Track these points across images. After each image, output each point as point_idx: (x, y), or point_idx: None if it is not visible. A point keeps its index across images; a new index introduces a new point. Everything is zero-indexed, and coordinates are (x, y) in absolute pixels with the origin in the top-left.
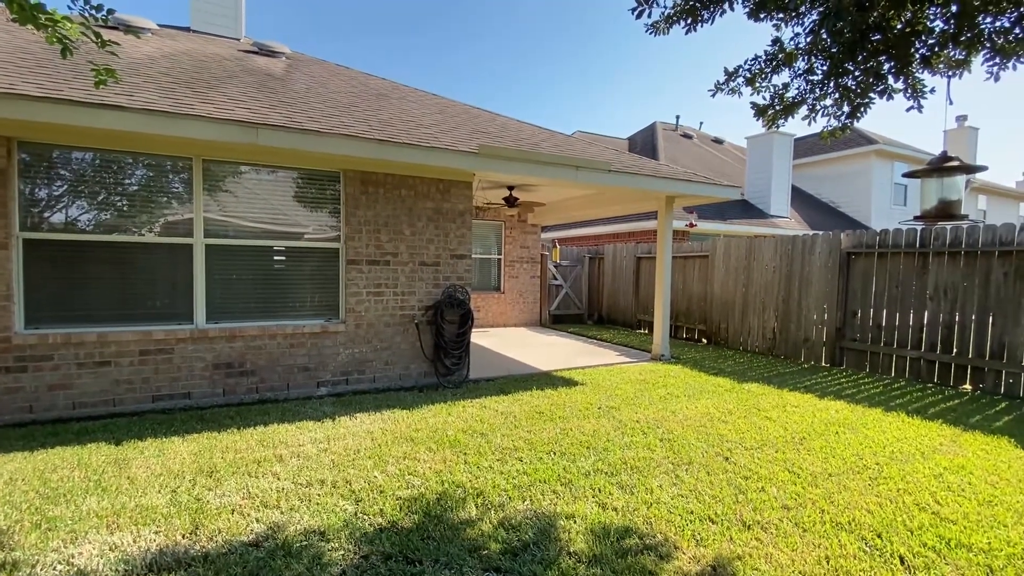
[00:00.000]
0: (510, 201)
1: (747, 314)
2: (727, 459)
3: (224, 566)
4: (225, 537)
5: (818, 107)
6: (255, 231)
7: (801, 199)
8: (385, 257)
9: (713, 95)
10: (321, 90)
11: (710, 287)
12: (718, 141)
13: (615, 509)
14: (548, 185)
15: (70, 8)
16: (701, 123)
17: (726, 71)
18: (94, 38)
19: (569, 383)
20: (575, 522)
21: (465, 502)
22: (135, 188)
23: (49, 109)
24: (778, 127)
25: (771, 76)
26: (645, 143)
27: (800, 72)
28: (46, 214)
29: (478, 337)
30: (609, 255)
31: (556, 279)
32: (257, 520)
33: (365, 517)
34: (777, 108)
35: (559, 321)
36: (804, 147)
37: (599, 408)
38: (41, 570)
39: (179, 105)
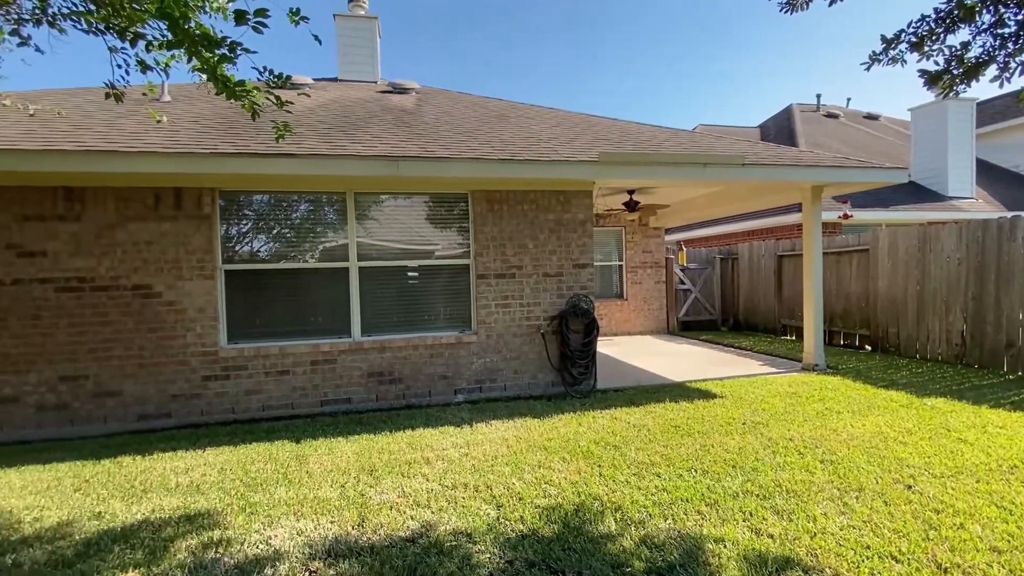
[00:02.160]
0: (631, 206)
1: (924, 315)
2: (910, 487)
3: (387, 558)
4: (386, 531)
5: (1012, 64)
6: (396, 252)
7: (990, 174)
8: (511, 270)
9: (868, 68)
10: (448, 118)
11: (872, 285)
12: (872, 117)
13: (771, 536)
14: (672, 186)
15: (258, 78)
16: (848, 99)
17: (884, 39)
18: (275, 101)
19: (706, 395)
20: (725, 546)
21: (603, 516)
22: (300, 222)
23: (241, 162)
24: (956, 94)
25: (944, 36)
26: (780, 129)
27: (985, 27)
28: (237, 248)
29: (602, 346)
30: (744, 255)
31: (683, 283)
32: (411, 518)
33: (507, 523)
34: (955, 72)
35: (688, 328)
36: (990, 112)
37: (743, 423)
38: (247, 547)
39: (335, 147)
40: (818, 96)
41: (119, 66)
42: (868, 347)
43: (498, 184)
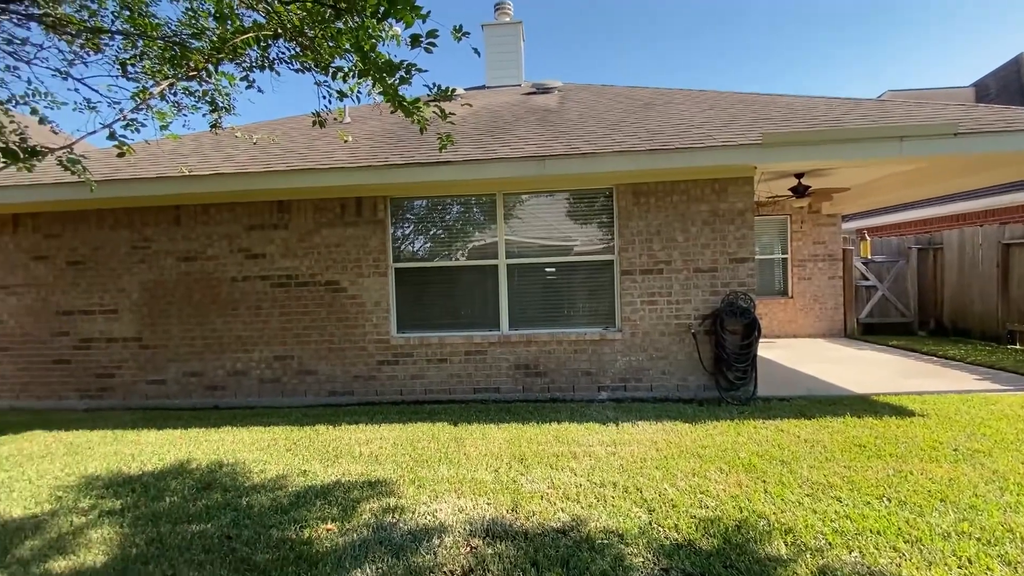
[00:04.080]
0: (799, 191)
1: None
2: None
3: (540, 547)
4: (538, 520)
5: None
6: (541, 249)
7: None
8: (658, 266)
9: None
10: (591, 113)
11: None
12: None
13: None
14: (855, 166)
15: (428, 93)
16: None
17: None
18: (440, 114)
19: (899, 411)
20: None
21: (770, 536)
22: (454, 222)
23: (409, 171)
24: None
25: None
26: (1005, 86)
27: None
28: (402, 248)
29: (762, 349)
30: (952, 244)
31: (866, 279)
32: (562, 510)
33: (660, 529)
34: None
35: (872, 331)
36: None
37: (954, 449)
38: (417, 516)
39: (486, 152)
40: None
41: (323, 96)
42: None
43: (645, 176)
